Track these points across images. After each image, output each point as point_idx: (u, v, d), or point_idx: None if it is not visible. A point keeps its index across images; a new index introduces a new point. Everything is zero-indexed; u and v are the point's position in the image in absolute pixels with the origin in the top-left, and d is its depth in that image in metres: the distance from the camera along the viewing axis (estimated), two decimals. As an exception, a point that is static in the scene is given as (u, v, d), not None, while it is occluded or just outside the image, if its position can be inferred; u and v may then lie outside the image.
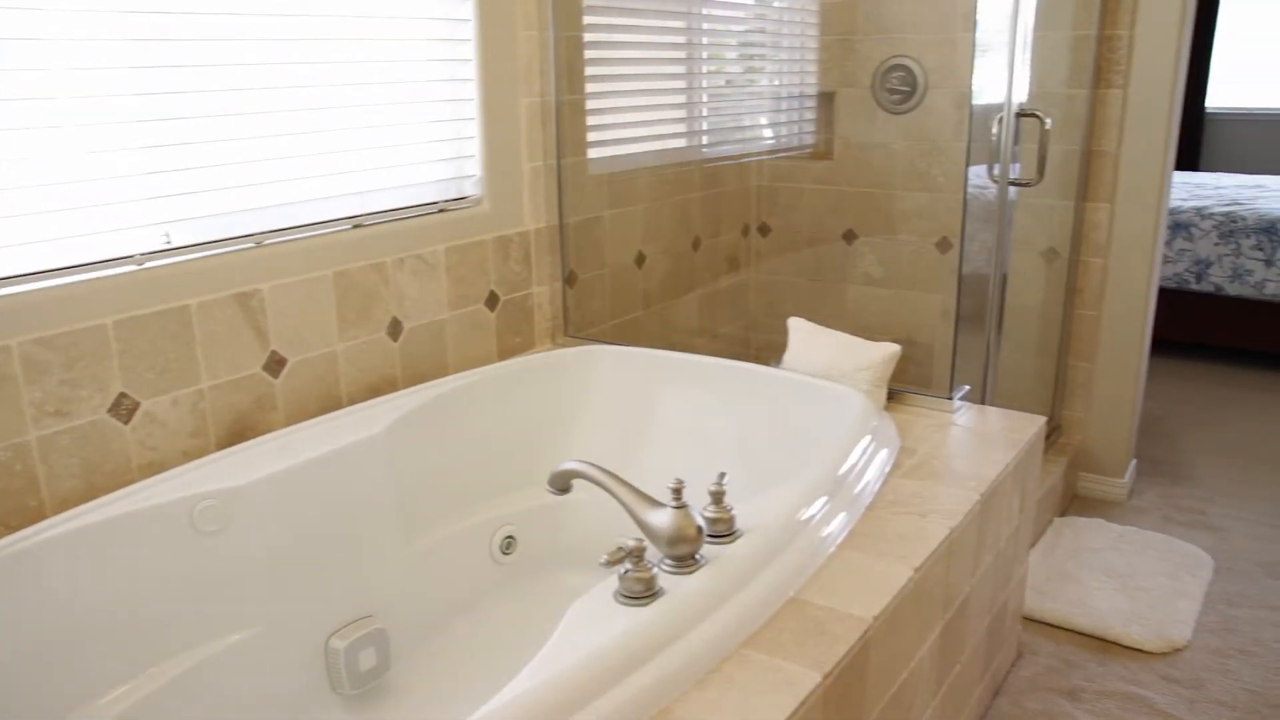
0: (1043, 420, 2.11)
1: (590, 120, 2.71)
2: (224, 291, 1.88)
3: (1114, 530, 2.93)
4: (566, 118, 2.62)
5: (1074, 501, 3.16)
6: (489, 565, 2.18)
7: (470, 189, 2.42)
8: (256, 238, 1.96)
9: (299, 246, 2.01)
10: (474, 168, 2.42)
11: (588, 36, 2.65)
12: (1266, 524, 3.03)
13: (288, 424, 2.01)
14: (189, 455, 1.85)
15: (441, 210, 2.33)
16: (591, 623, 1.30)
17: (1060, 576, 2.66)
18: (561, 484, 1.59)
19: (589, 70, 2.67)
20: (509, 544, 2.22)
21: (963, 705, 1.95)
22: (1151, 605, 2.53)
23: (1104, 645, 2.41)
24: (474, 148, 2.41)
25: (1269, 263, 4.25)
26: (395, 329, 2.23)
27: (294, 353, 2.02)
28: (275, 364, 1.98)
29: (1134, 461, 3.28)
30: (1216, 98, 6.78)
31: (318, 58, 2.02)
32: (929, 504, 1.72)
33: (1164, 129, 2.85)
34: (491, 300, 2.47)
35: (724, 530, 1.45)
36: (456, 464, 2.12)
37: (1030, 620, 2.49)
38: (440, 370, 2.35)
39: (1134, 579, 2.65)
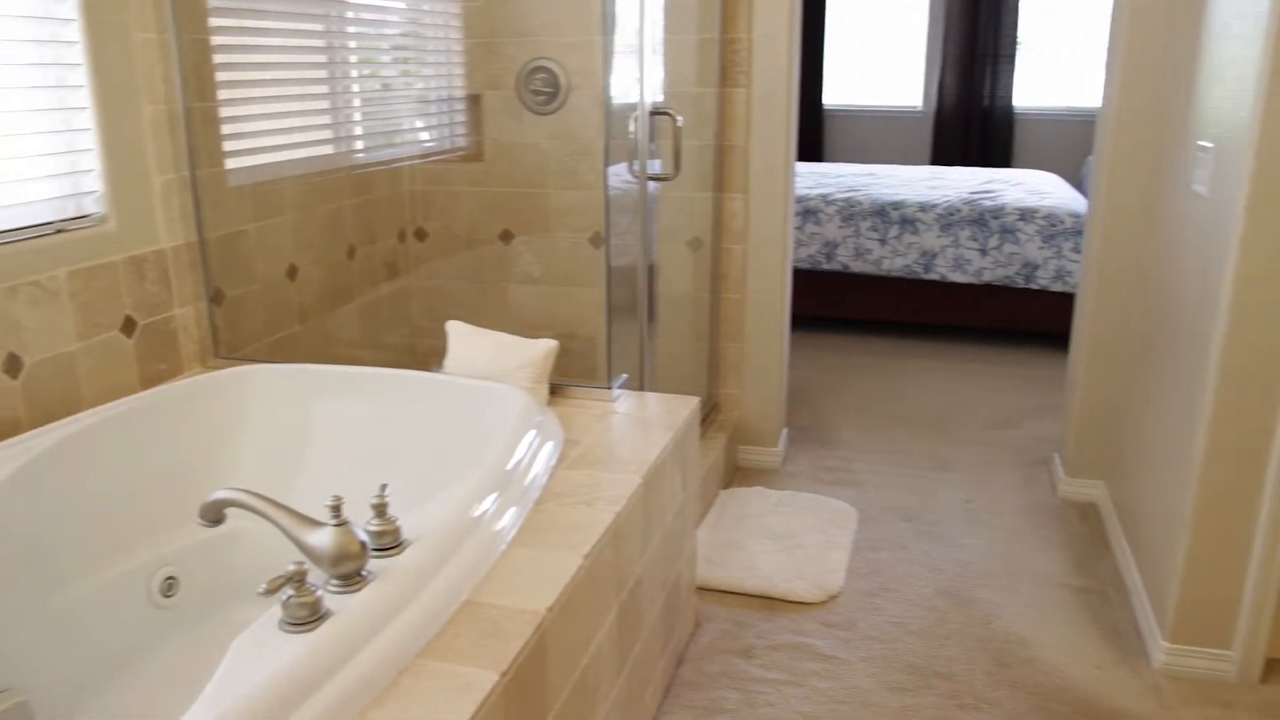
0: (697, 401, 2.23)
1: (226, 129, 2.57)
2: None
3: (773, 496, 3.16)
4: (199, 127, 2.47)
5: (736, 473, 3.37)
6: (148, 612, 2.01)
7: (91, 206, 2.22)
8: None
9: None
10: (94, 183, 2.22)
11: (216, 39, 2.50)
12: (897, 474, 3.39)
13: (-119, 485, 1.76)
14: None
15: (59, 231, 2.12)
16: (256, 656, 1.23)
17: (728, 545, 2.83)
18: (213, 515, 1.50)
19: (221, 75, 2.52)
20: (170, 586, 2.06)
21: (648, 680, 2.03)
22: (809, 560, 2.75)
23: (771, 603, 2.59)
24: (92, 161, 2.21)
25: (883, 241, 4.74)
26: (13, 365, 2.01)
27: (-118, 403, 1.77)
28: None
29: (785, 430, 3.55)
30: (832, 96, 7.47)
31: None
32: (595, 492, 1.77)
33: (784, 124, 3.10)
34: (128, 326, 2.28)
35: (390, 543, 1.42)
36: (100, 506, 1.94)
37: (705, 589, 2.64)
38: (73, 406, 2.14)
39: (793, 538, 2.88)
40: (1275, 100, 1.98)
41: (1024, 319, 4.73)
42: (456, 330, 2.22)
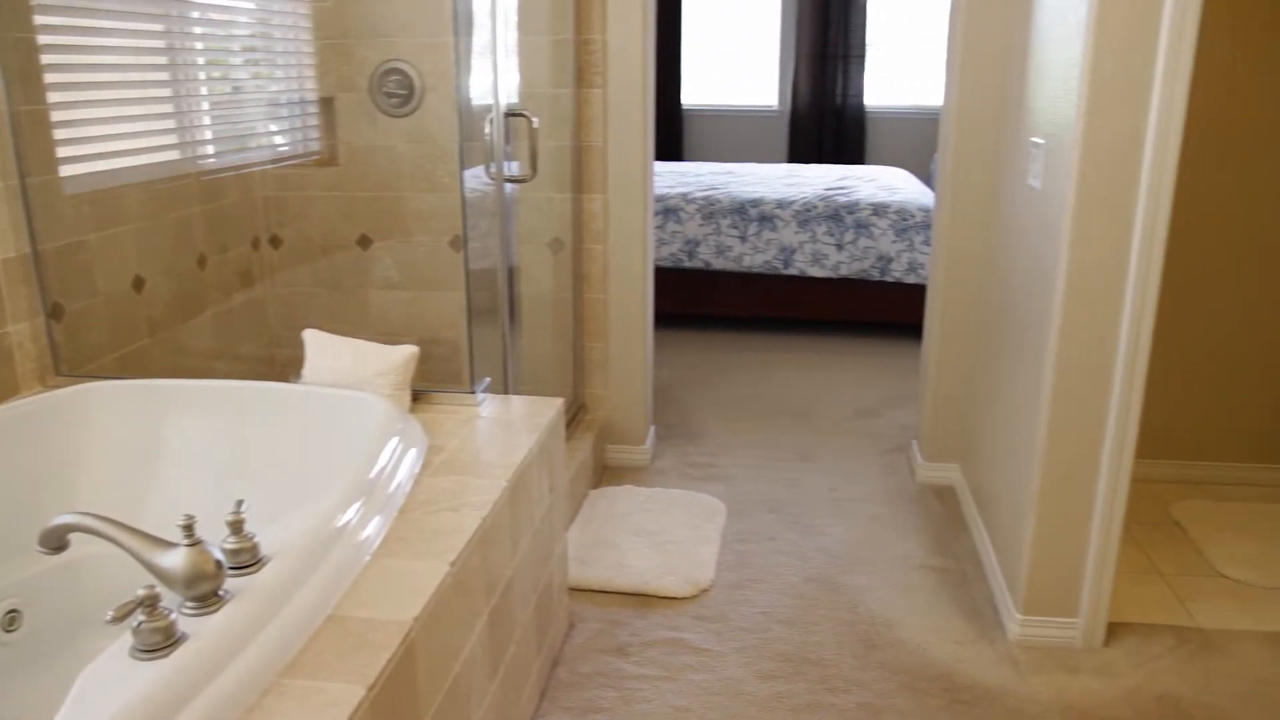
0: (561, 402, 2.23)
1: (60, 134, 2.44)
2: None
3: (642, 493, 3.18)
4: (27, 132, 2.33)
5: (605, 472, 3.39)
6: (-13, 648, 1.90)
7: (-93, 220, 2.08)
8: None
9: None
10: (-91, 195, 2.08)
11: (44, 39, 2.38)
12: (763, 467, 3.46)
13: None
14: None
15: None
16: (104, 688, 1.17)
17: (599, 544, 2.84)
18: (55, 541, 1.42)
19: (50, 78, 2.39)
20: (13, 620, 1.95)
21: (523, 684, 2.02)
22: (680, 556, 2.78)
23: (644, 600, 2.61)
24: (-94, 171, 2.08)
25: (744, 238, 4.83)
26: None
27: None
28: None
29: (653, 428, 3.58)
30: (690, 96, 7.57)
31: None
32: (460, 497, 1.76)
33: (641, 124, 3.13)
34: (-47, 346, 2.15)
35: (247, 560, 1.38)
36: (-73, 539, 1.82)
37: (577, 590, 2.64)
38: (-107, 434, 2.00)
39: (663, 535, 2.90)
40: (1096, 98, 2.09)
41: (881, 311, 4.88)
42: (313, 339, 2.17)
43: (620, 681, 2.27)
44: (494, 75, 2.39)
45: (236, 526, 1.39)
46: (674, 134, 7.50)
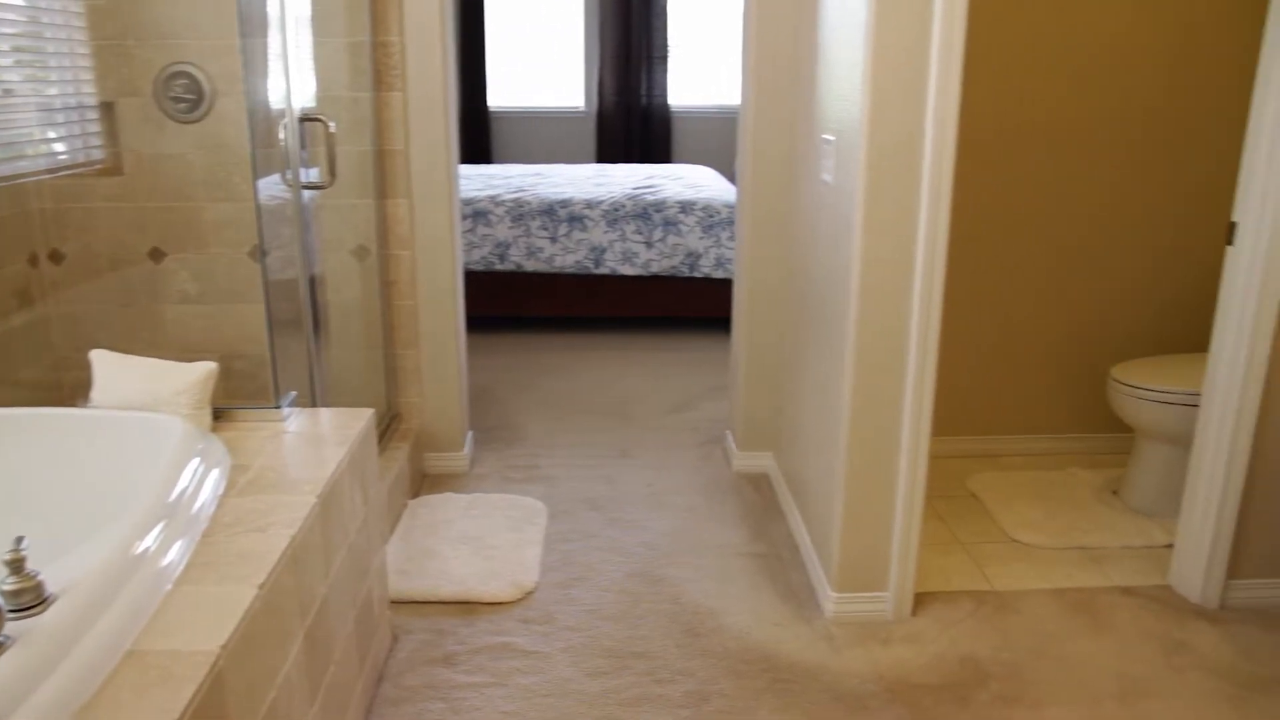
0: (372, 412, 2.18)
1: None
2: None
3: (463, 500, 3.15)
4: None
5: (424, 481, 3.33)
6: None
7: None
8: None
9: None
10: None
11: None
12: (583, 466, 3.48)
13: None
14: None
15: None
16: None
17: (421, 554, 2.79)
18: None
19: None
20: None
21: (346, 703, 1.97)
22: (503, 560, 2.77)
23: (469, 607, 2.58)
24: None
25: (554, 239, 4.84)
26: None
27: None
28: None
29: (470, 433, 3.55)
30: (497, 98, 7.52)
31: None
32: (268, 517, 1.69)
33: (444, 127, 3.09)
34: None
35: (31, 600, 1.28)
36: None
37: (400, 602, 2.59)
38: None
39: (486, 540, 2.88)
40: (879, 96, 2.20)
41: (692, 306, 4.99)
42: (101, 359, 2.04)
43: (448, 692, 2.24)
44: (286, 79, 2.31)
45: (16, 566, 1.29)
46: (481, 136, 7.44)
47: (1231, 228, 2.43)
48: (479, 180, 5.39)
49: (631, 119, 7.45)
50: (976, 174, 3.30)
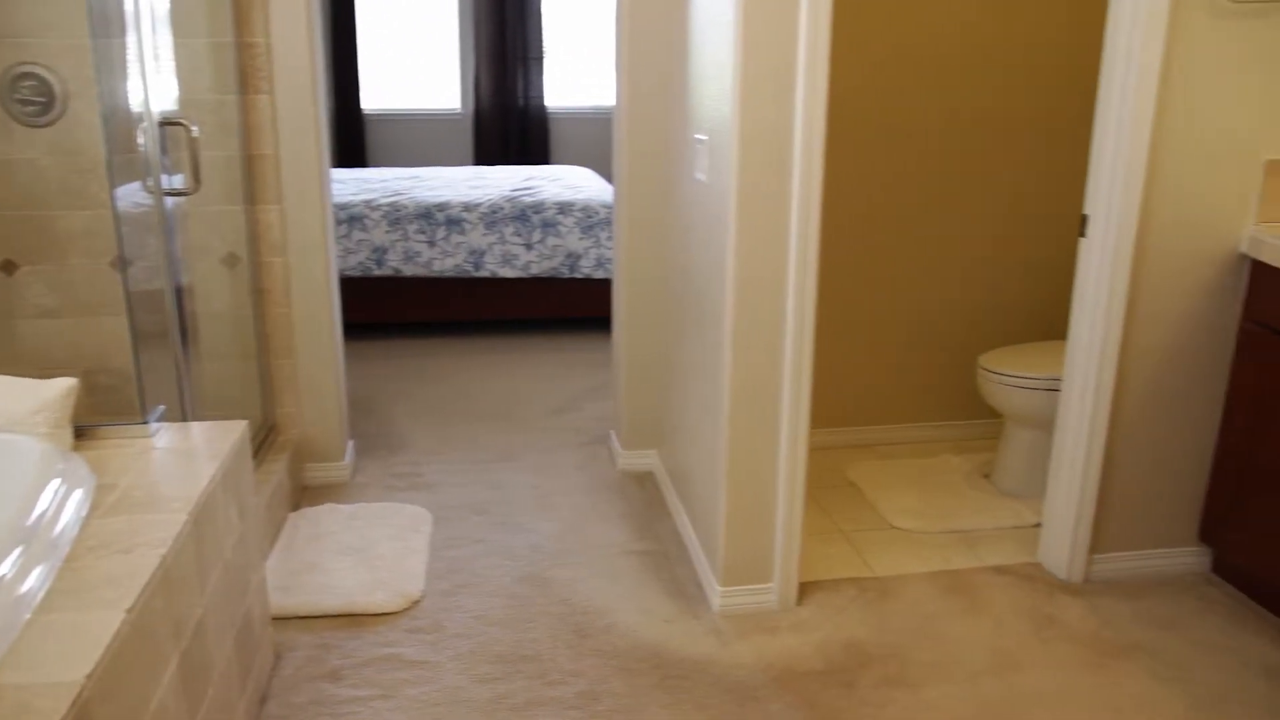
0: (245, 425, 2.12)
1: None
2: None
3: (345, 511, 3.08)
4: None
5: (305, 493, 3.25)
6: None
7: None
8: None
9: None
10: None
11: None
12: (467, 470, 3.44)
13: None
14: None
15: None
16: None
17: (304, 568, 2.72)
18: None
19: None
20: None
21: (224, 727, 1.91)
22: (388, 570, 2.72)
23: (355, 619, 2.53)
24: None
25: (432, 243, 4.78)
26: None
27: None
28: None
29: (351, 442, 3.48)
30: (371, 100, 7.38)
31: None
32: (135, 537, 1.63)
33: (314, 130, 3.02)
34: None
35: (-125, 636, 1.21)
36: None
37: (283, 618, 2.52)
38: None
39: (370, 550, 2.83)
40: (749, 96, 2.24)
41: (574, 307, 4.99)
42: (-52, 379, 1.93)
43: (335, 707, 2.20)
44: (144, 81, 2.22)
45: None
46: (355, 139, 7.29)
47: (1083, 220, 2.55)
48: (354, 184, 5.29)
49: (508, 120, 7.40)
50: (847, 169, 3.38)
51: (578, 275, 4.89)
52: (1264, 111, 2.46)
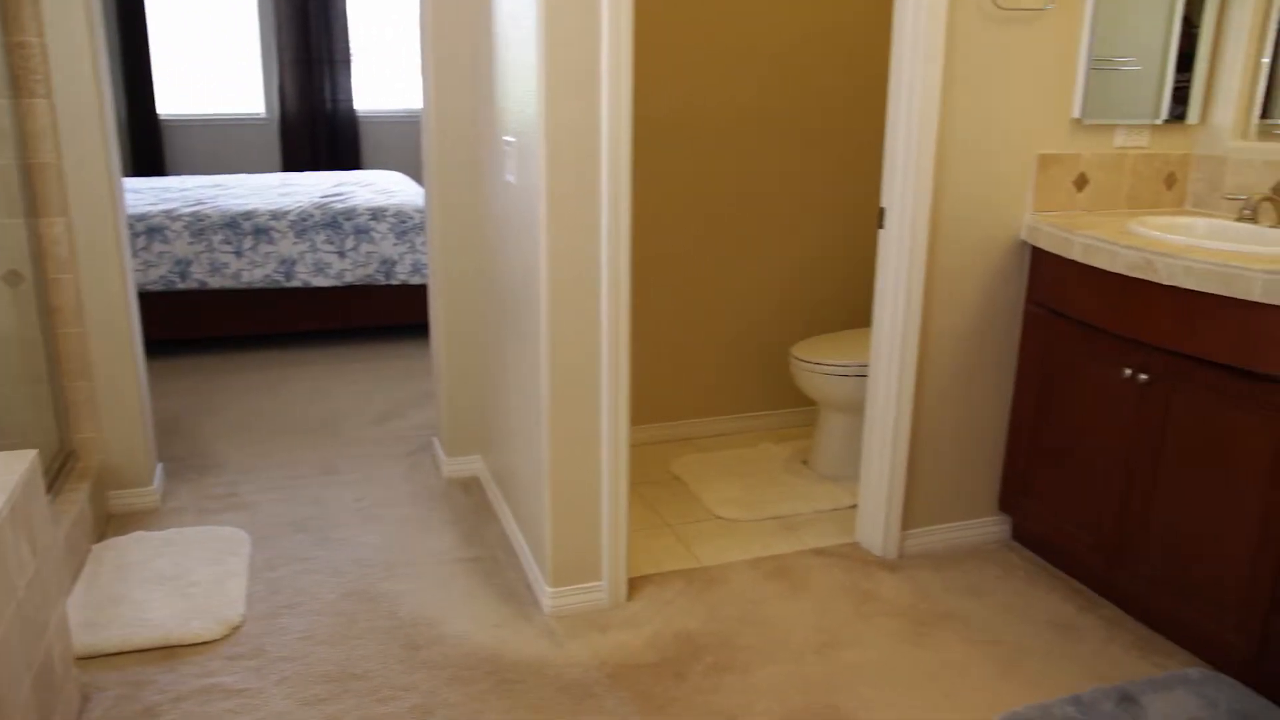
0: (35, 454, 1.99)
1: None
2: None
3: (156, 538, 2.93)
4: None
5: (110, 522, 3.07)
6: None
7: None
8: None
9: None
10: None
11: None
12: (286, 487, 3.33)
13: None
14: None
15: None
16: None
17: (111, 602, 2.57)
18: None
19: None
20: None
21: (25, 777, 1.78)
22: (205, 596, 2.60)
23: (171, 651, 2.41)
24: None
25: (239, 254, 4.60)
26: None
27: None
28: None
29: (160, 465, 3.31)
30: (168, 105, 7.02)
31: None
32: (-88, 582, 1.50)
33: (102, 136, 2.85)
34: None
35: None
36: None
37: (89, 658, 2.38)
38: None
39: (184, 578, 2.69)
40: (554, 97, 2.25)
41: (391, 314, 4.89)
42: None
43: (149, 745, 2.09)
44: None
45: None
46: (152, 146, 6.92)
47: (881, 213, 2.68)
48: (151, 194, 5.02)
49: (316, 125, 7.19)
50: (656, 166, 3.44)
51: (394, 282, 4.80)
52: (1034, 109, 2.65)
